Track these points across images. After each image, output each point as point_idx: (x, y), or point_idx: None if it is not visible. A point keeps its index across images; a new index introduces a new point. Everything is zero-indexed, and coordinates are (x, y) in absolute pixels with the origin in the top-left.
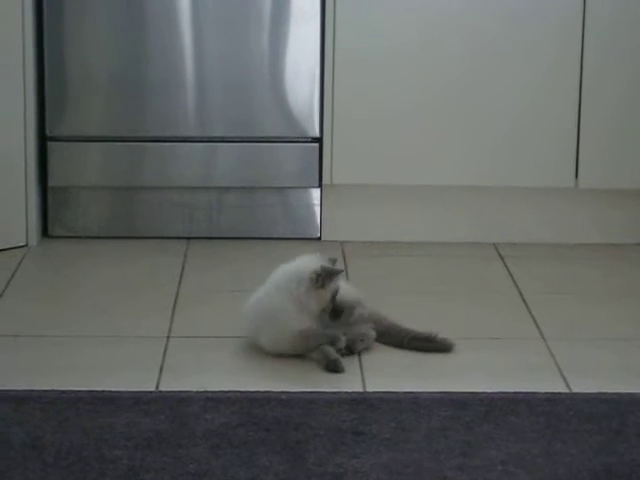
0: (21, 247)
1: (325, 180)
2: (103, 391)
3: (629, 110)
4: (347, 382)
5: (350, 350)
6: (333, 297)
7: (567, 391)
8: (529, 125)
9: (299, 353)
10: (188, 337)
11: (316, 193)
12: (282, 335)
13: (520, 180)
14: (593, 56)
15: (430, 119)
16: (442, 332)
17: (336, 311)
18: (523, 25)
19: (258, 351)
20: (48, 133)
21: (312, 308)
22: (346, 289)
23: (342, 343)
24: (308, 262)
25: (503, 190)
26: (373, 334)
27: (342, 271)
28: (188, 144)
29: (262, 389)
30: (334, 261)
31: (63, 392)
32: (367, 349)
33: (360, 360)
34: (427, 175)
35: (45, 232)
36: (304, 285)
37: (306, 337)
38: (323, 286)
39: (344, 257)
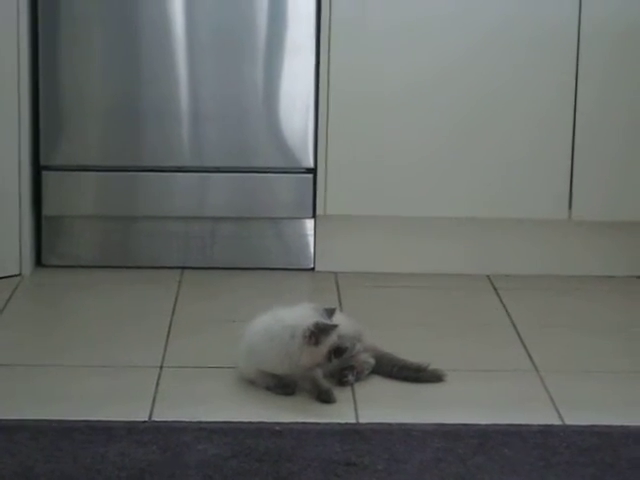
0: (15, 276)
1: (319, 211)
2: (96, 421)
3: (623, 143)
4: (340, 413)
5: (356, 379)
6: (330, 351)
7: (560, 423)
8: (523, 157)
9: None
10: (181, 367)
11: (310, 224)
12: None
13: (514, 212)
14: (587, 90)
15: (424, 151)
16: (435, 363)
17: (339, 350)
18: (518, 62)
19: (251, 382)
20: (42, 162)
21: (304, 364)
22: (345, 324)
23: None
24: (304, 314)
25: (497, 222)
26: (372, 362)
27: (337, 326)
28: (183, 174)
29: (255, 420)
30: (332, 312)
31: (55, 422)
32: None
33: (353, 391)
34: (421, 207)
35: (39, 261)
36: (298, 341)
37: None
38: (317, 343)
39: (338, 288)
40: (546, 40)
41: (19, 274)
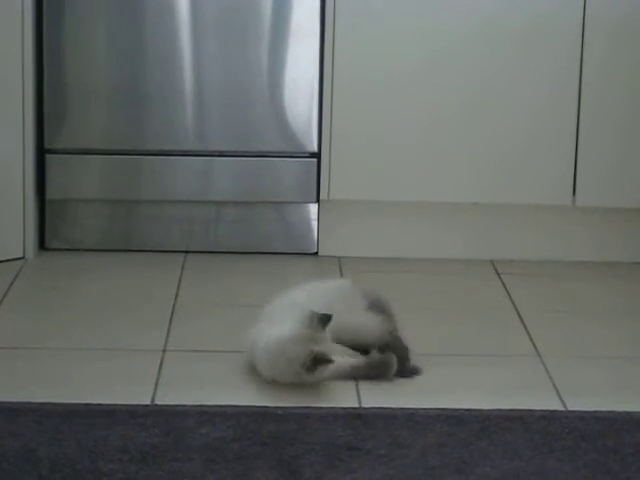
0: (18, 259)
1: (323, 195)
2: (99, 404)
3: (627, 128)
4: (343, 397)
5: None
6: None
7: (563, 409)
8: (527, 143)
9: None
10: (184, 351)
11: (314, 208)
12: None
13: (518, 197)
14: (591, 75)
15: (428, 135)
16: (438, 348)
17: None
18: (523, 45)
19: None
20: (46, 146)
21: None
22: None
23: None
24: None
25: (501, 207)
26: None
27: (333, 361)
28: (186, 158)
29: (258, 404)
30: (327, 318)
31: (58, 405)
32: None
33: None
34: (425, 191)
35: (42, 245)
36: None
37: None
38: (313, 370)
39: (341, 272)
40: (550, 25)
41: (22, 257)
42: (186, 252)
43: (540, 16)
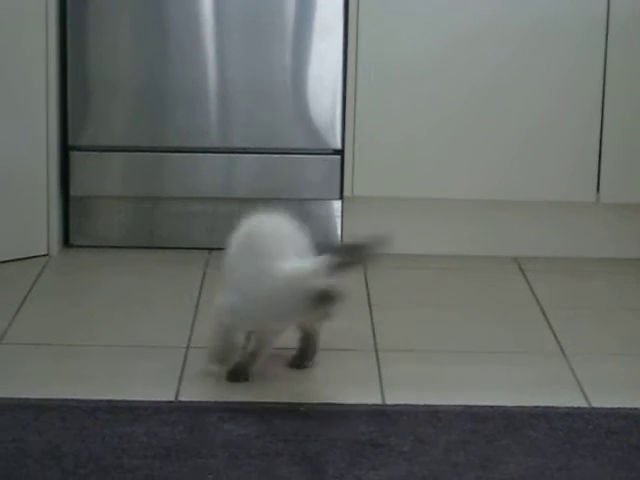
0: (42, 256)
1: (346, 192)
2: (122, 400)
3: None
4: (366, 394)
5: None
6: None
7: (586, 406)
8: (551, 139)
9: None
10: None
11: (337, 205)
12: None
13: (541, 194)
14: (616, 69)
15: (452, 132)
16: (461, 345)
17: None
18: (546, 37)
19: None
20: (70, 142)
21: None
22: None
23: None
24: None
25: (524, 204)
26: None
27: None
28: (210, 155)
29: (281, 400)
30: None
31: (82, 401)
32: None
33: (379, 372)
34: (449, 188)
35: (66, 241)
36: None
37: None
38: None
39: (364, 269)
40: (573, 15)
41: (46, 254)
42: (209, 249)
43: (564, 2)
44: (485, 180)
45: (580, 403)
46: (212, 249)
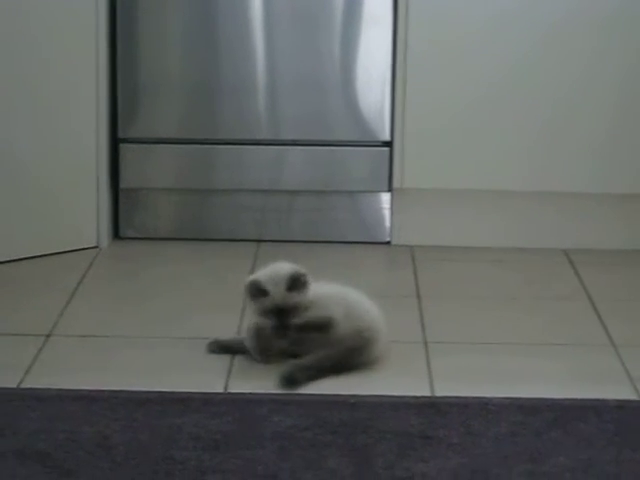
0: (92, 248)
1: (395, 184)
2: (172, 392)
3: None
4: (415, 386)
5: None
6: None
7: (637, 398)
8: (604, 132)
9: None
10: None
11: (386, 197)
12: None
13: (592, 186)
14: None
15: (503, 123)
16: (511, 337)
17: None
18: (605, 35)
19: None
20: (120, 135)
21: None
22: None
23: None
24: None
25: (575, 196)
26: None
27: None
28: (259, 147)
29: (330, 392)
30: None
31: (132, 392)
32: None
33: (428, 364)
34: (498, 180)
35: (116, 234)
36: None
37: None
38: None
39: (414, 261)
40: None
41: (96, 246)
42: (259, 241)
43: (613, 11)
44: (536, 172)
45: (630, 396)
46: (261, 241)
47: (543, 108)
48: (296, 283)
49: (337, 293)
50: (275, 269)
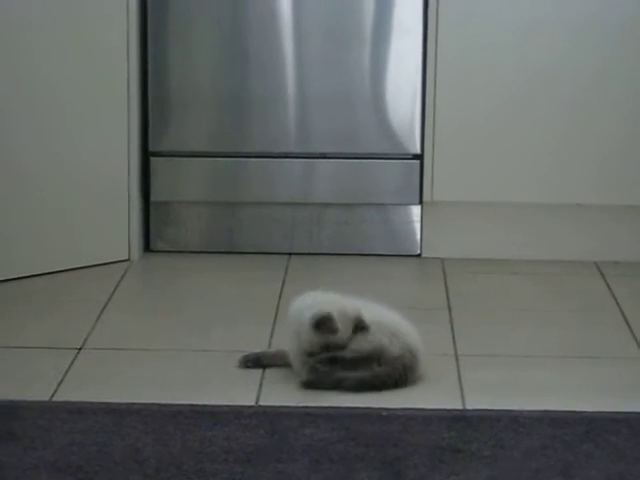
0: (123, 261)
1: (426, 197)
2: (203, 405)
3: None
4: (447, 399)
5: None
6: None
7: None
8: (633, 143)
9: None
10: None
11: (416, 210)
12: None
13: (623, 198)
14: None
15: (533, 136)
16: (542, 350)
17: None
18: (631, 43)
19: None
20: (151, 148)
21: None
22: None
23: None
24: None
25: (606, 208)
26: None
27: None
28: (289, 160)
29: (361, 405)
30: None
31: (164, 405)
32: None
33: (459, 377)
34: (529, 192)
35: (147, 247)
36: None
37: None
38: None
39: (444, 274)
40: None
41: (127, 259)
42: (289, 254)
43: None
44: (566, 185)
45: None
46: (292, 254)
47: (577, 120)
48: (358, 327)
49: (377, 318)
50: (337, 306)
